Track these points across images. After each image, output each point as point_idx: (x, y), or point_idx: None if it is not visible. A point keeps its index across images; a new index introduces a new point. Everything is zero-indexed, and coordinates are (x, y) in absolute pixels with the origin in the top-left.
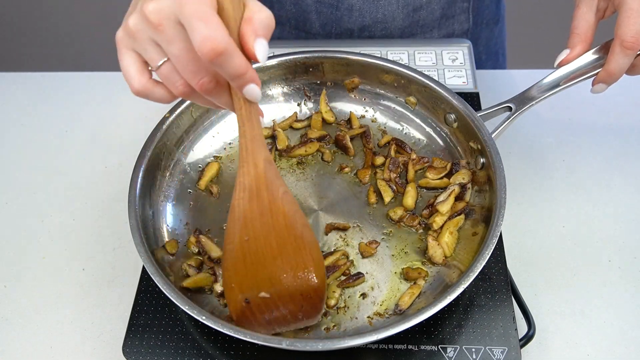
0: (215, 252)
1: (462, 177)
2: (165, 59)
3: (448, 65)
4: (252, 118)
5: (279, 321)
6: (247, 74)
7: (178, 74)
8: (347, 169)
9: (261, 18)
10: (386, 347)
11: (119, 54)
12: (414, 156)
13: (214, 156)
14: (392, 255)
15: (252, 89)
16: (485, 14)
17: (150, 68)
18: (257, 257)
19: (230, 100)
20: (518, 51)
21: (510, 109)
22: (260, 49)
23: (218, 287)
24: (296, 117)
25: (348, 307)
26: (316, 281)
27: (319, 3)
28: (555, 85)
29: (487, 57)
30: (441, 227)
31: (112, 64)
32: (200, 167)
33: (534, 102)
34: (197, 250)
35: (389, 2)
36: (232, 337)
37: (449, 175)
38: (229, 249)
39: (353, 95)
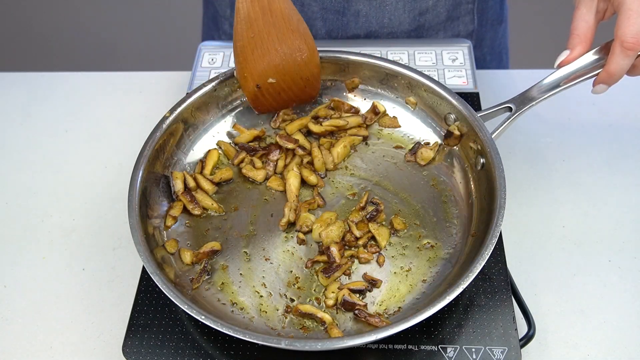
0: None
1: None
2: None
3: (448, 65)
4: None
5: (285, 101)
6: None
7: None
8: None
9: None
10: (386, 347)
11: None
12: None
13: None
14: (392, 256)
15: None
16: (490, 14)
17: None
18: (262, 49)
19: None
20: (520, 51)
21: (510, 109)
22: None
23: (186, 256)
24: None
25: None
26: (312, 64)
27: (325, 10)
28: (556, 85)
29: (492, 58)
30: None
31: (112, 64)
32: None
33: (534, 103)
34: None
35: (395, 7)
36: (232, 337)
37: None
38: (239, 45)
39: (353, 96)
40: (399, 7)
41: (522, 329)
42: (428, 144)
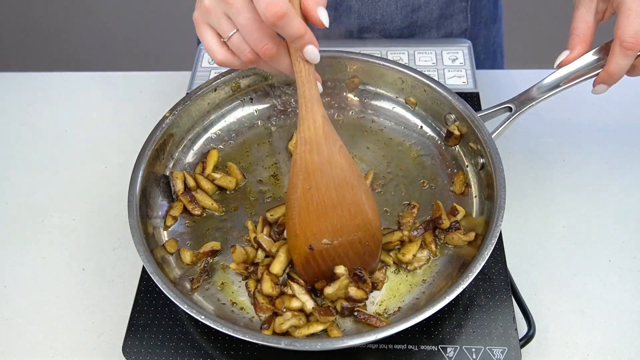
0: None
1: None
2: (235, 30)
3: (448, 65)
4: (311, 79)
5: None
6: (306, 36)
7: (246, 42)
8: None
9: None
10: (386, 347)
11: (198, 31)
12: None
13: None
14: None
15: (311, 50)
16: (483, 13)
17: (222, 39)
18: (318, 205)
19: (290, 64)
20: (515, 51)
21: (510, 109)
22: (324, 15)
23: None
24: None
25: None
26: (373, 228)
27: None
28: (556, 85)
29: (486, 57)
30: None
31: (112, 64)
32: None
33: (534, 103)
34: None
35: (388, 3)
36: (232, 337)
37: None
38: (293, 198)
39: (353, 96)
40: (391, 4)
41: (522, 329)
42: (459, 228)
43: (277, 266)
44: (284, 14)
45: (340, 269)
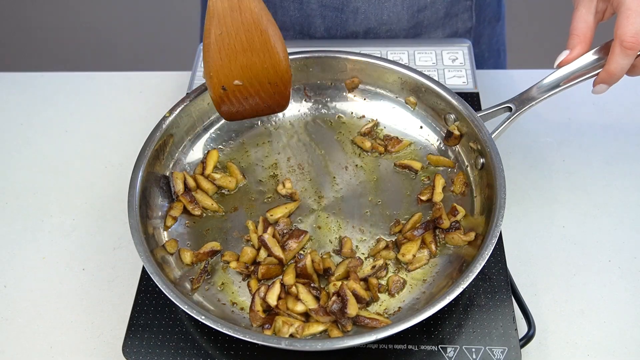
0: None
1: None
2: None
3: (448, 65)
4: None
5: (253, 109)
6: None
7: None
8: None
9: None
10: (386, 347)
11: None
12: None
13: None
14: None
15: None
16: (487, 11)
17: None
18: (229, 49)
19: None
20: (517, 48)
21: (510, 109)
22: None
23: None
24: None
25: None
26: (282, 69)
27: (324, 7)
28: (556, 85)
29: (490, 55)
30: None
31: (112, 64)
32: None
33: (534, 103)
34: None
35: (394, 4)
36: (232, 337)
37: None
38: (206, 43)
39: (353, 96)
40: (397, 4)
41: (522, 329)
42: (459, 228)
43: (291, 276)
44: None
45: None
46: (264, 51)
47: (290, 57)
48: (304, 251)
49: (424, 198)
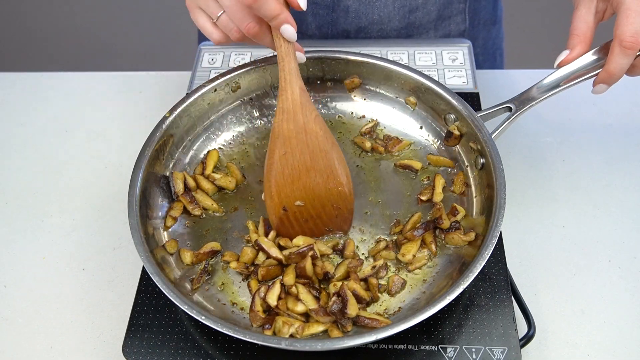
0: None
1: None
2: (222, 11)
3: (448, 65)
4: (290, 54)
5: (312, 231)
6: (282, 15)
7: (232, 22)
8: None
9: None
10: (386, 347)
11: (192, 15)
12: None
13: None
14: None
15: (287, 29)
16: (482, 14)
17: (213, 20)
18: (293, 169)
19: (272, 41)
20: (517, 52)
21: (510, 109)
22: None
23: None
24: None
25: None
26: (345, 192)
27: (315, 5)
28: (556, 85)
29: (485, 58)
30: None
31: (112, 64)
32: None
33: (534, 103)
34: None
35: (385, 4)
36: (232, 337)
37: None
38: (269, 163)
39: (353, 95)
40: (389, 4)
41: (522, 329)
42: (459, 229)
43: (291, 277)
44: None
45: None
46: (328, 173)
47: None
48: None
49: (424, 198)
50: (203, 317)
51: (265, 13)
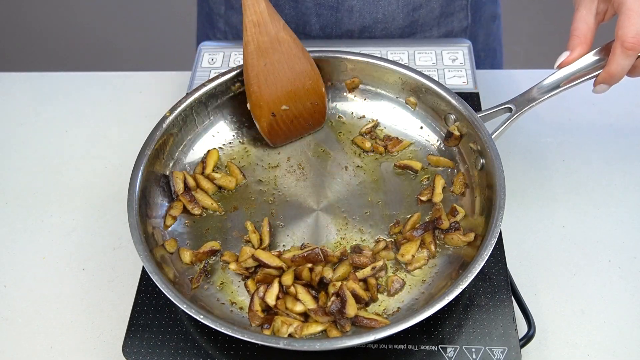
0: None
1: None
2: None
3: (448, 65)
4: None
5: (297, 129)
6: None
7: None
8: None
9: None
10: (386, 347)
11: None
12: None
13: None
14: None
15: None
16: (484, 10)
17: None
18: (275, 77)
19: None
20: (517, 52)
21: (510, 109)
22: None
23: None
24: None
25: None
26: (319, 86)
27: (319, 5)
28: (556, 86)
29: (486, 54)
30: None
31: (112, 64)
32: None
33: (534, 103)
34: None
35: (389, 2)
36: (232, 337)
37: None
38: (253, 75)
39: (353, 96)
40: (392, 3)
41: (522, 329)
42: (458, 229)
43: (289, 277)
44: None
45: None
46: (304, 74)
47: None
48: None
49: (423, 198)
50: (202, 317)
51: None
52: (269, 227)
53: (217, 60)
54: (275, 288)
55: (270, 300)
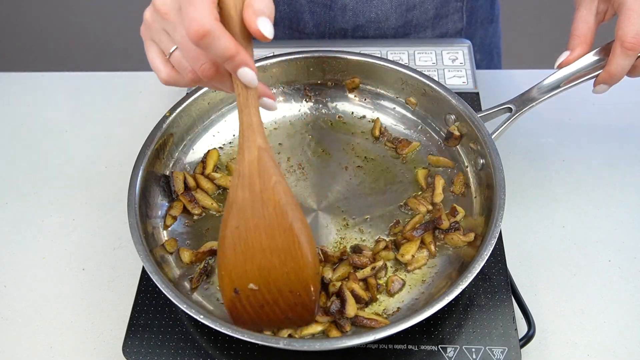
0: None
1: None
2: (175, 47)
3: (448, 65)
4: (250, 105)
5: (270, 319)
6: (238, 57)
7: (186, 61)
8: None
9: (260, 1)
10: (386, 347)
11: (145, 47)
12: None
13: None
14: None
15: (245, 73)
16: (479, 13)
17: (165, 57)
18: (246, 246)
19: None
20: (517, 52)
21: (510, 110)
22: (264, 25)
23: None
24: None
25: None
26: (305, 276)
27: (312, 3)
28: (556, 86)
29: (482, 57)
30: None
31: (112, 64)
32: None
33: (534, 103)
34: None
35: (383, 2)
36: (232, 337)
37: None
38: (222, 235)
39: (353, 96)
40: (386, 2)
41: (522, 329)
42: (458, 229)
43: None
44: (206, 32)
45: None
46: (286, 254)
47: (290, 57)
48: None
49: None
50: (202, 316)
51: (217, 52)
52: None
53: None
54: None
55: None
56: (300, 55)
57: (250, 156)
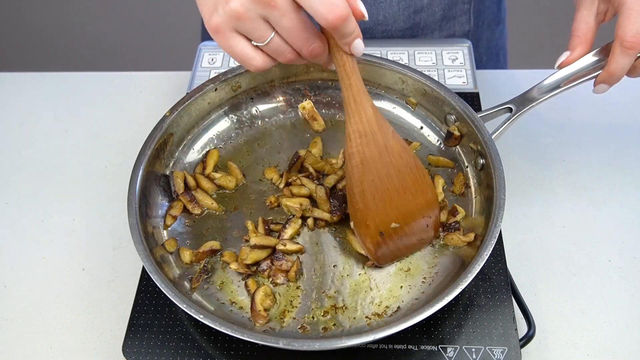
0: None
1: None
2: (273, 34)
3: (448, 65)
4: (356, 70)
5: (406, 247)
6: (356, 31)
7: (286, 44)
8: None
9: None
10: (386, 347)
11: (222, 40)
12: None
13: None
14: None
15: (359, 44)
16: (486, 15)
17: (255, 44)
18: (383, 193)
19: (329, 59)
20: (519, 53)
21: (510, 110)
22: (364, 7)
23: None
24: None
25: (347, 307)
26: (433, 200)
27: None
28: (556, 86)
29: (488, 59)
30: None
31: (112, 64)
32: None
33: (534, 104)
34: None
35: (390, 4)
36: (232, 337)
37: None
38: (358, 191)
39: None
40: (394, 5)
41: (522, 329)
42: (458, 229)
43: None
44: (347, 15)
45: None
46: (416, 187)
47: None
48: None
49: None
50: (201, 316)
51: (346, 31)
52: (263, 225)
53: (217, 60)
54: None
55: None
56: None
57: (368, 115)
